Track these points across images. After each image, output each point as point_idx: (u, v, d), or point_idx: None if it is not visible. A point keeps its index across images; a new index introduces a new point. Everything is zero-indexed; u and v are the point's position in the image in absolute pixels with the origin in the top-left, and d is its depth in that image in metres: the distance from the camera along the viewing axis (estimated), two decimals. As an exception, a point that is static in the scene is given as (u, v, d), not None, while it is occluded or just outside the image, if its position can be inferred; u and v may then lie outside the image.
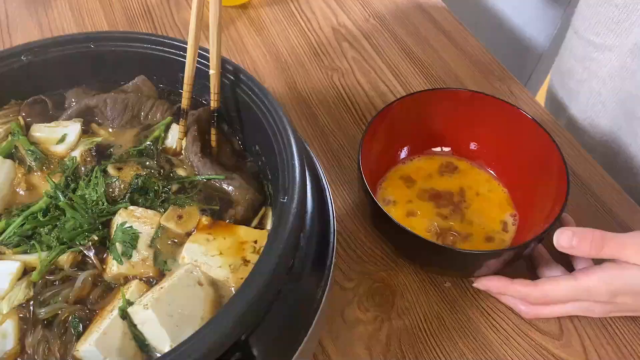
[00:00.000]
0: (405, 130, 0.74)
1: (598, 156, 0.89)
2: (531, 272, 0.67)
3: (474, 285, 0.65)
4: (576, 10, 0.86)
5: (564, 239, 0.58)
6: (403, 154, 0.76)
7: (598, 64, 0.83)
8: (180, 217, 0.53)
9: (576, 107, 0.93)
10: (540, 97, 1.23)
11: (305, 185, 0.49)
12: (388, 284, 0.68)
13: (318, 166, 0.60)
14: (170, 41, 0.61)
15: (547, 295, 0.59)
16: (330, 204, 0.56)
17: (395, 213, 0.70)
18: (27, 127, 0.60)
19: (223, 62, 0.58)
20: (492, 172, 0.74)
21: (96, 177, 0.55)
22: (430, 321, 0.65)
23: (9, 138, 0.59)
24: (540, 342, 0.64)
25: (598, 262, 0.61)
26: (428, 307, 0.66)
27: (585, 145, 0.88)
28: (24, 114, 0.61)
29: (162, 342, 0.45)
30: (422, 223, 0.69)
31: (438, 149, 0.77)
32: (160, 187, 0.56)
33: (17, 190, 0.56)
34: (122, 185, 0.55)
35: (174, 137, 0.61)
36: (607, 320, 0.66)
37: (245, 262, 0.51)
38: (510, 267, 0.63)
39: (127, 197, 0.55)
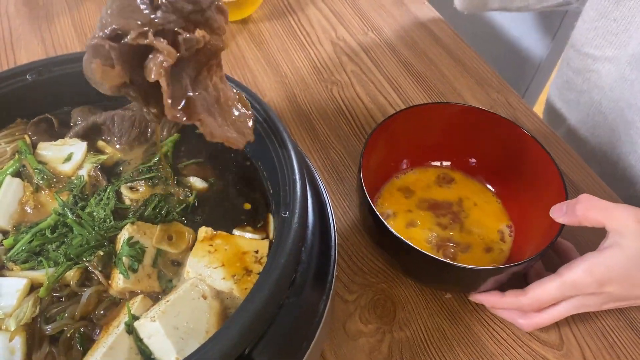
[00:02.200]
0: (405, 143, 0.75)
1: (597, 166, 0.90)
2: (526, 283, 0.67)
3: (470, 298, 0.66)
4: (575, 26, 0.87)
5: (556, 208, 0.60)
6: (403, 166, 0.77)
7: (598, 74, 0.84)
8: (170, 237, 0.54)
9: (576, 118, 0.94)
10: (538, 108, 1.24)
11: (306, 199, 0.50)
12: (389, 296, 0.68)
13: (318, 179, 0.61)
14: (172, 59, 0.62)
15: (538, 299, 0.59)
16: (331, 217, 0.57)
17: (395, 225, 0.71)
18: (34, 146, 0.61)
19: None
20: (488, 185, 0.75)
21: (108, 197, 0.56)
22: (431, 332, 0.66)
23: (16, 157, 0.60)
24: (540, 352, 0.65)
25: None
26: (429, 318, 0.67)
27: (584, 155, 0.89)
28: (29, 133, 0.62)
29: (167, 355, 0.46)
30: (421, 234, 0.70)
31: (437, 163, 0.78)
32: (174, 205, 0.57)
33: (25, 208, 0.57)
34: (134, 205, 0.57)
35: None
36: (606, 330, 0.67)
37: (248, 272, 0.52)
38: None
39: (137, 214, 0.56)
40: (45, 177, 0.58)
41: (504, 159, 0.73)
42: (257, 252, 0.54)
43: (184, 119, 0.45)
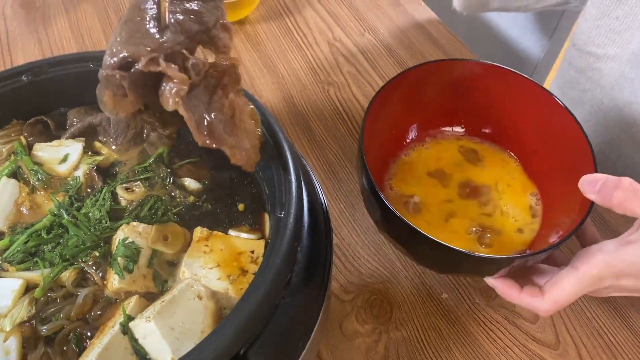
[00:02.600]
0: (415, 106, 0.68)
1: (598, 164, 0.90)
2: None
3: (487, 281, 0.60)
4: (576, 26, 0.87)
5: (588, 180, 0.54)
6: (410, 134, 0.70)
7: (600, 73, 0.85)
8: (165, 238, 0.54)
9: (579, 117, 0.95)
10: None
11: (302, 200, 0.50)
12: (385, 296, 0.69)
13: (314, 179, 0.61)
14: (168, 60, 0.62)
15: (556, 301, 0.54)
16: (327, 217, 0.57)
17: (431, 218, 0.64)
18: (30, 147, 0.61)
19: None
20: (508, 151, 0.70)
21: (104, 198, 0.56)
22: (427, 332, 0.66)
23: (12, 158, 0.60)
24: (537, 352, 0.65)
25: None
26: (425, 318, 0.67)
27: None
28: (25, 134, 0.62)
29: (163, 355, 0.46)
30: (462, 225, 0.64)
31: (449, 128, 0.71)
32: (169, 206, 0.57)
33: (21, 209, 0.57)
34: (130, 206, 0.57)
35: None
36: (602, 329, 0.67)
37: (244, 272, 0.52)
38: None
39: (133, 214, 0.56)
40: (41, 178, 0.58)
41: (523, 121, 0.67)
42: (252, 252, 0.54)
43: (214, 145, 0.46)
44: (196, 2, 0.49)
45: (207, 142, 0.45)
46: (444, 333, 0.66)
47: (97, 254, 0.53)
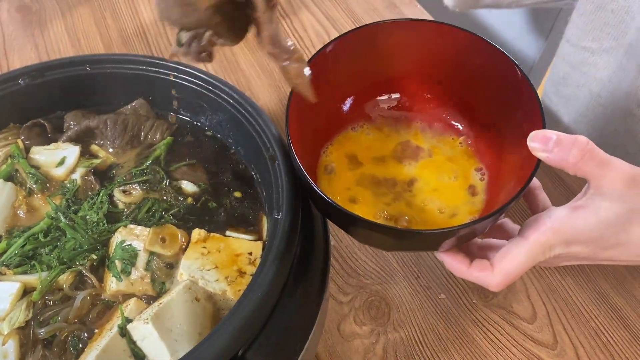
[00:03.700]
0: (350, 76, 0.62)
1: None
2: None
3: (436, 255, 0.56)
4: (569, 21, 0.88)
5: (539, 136, 0.49)
6: (347, 105, 0.64)
7: (596, 67, 0.85)
8: (163, 240, 0.54)
9: (575, 112, 0.95)
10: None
11: (299, 202, 0.51)
12: (383, 297, 0.69)
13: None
14: (164, 62, 0.62)
15: (507, 274, 0.50)
16: (324, 219, 0.57)
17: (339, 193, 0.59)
18: (27, 150, 0.62)
19: (217, 81, 0.60)
20: (454, 122, 0.64)
21: (102, 201, 0.56)
22: (425, 333, 0.66)
23: (9, 161, 0.60)
24: (534, 351, 0.65)
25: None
26: (423, 319, 0.67)
27: None
28: (22, 137, 0.62)
29: (161, 357, 0.46)
30: (367, 210, 0.58)
31: (385, 97, 0.65)
32: (167, 208, 0.57)
33: (18, 212, 0.57)
34: (127, 209, 0.57)
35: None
36: (600, 329, 0.67)
37: (242, 273, 0.52)
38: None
39: (130, 217, 0.56)
40: (38, 181, 0.59)
41: (469, 84, 0.61)
42: (250, 253, 0.54)
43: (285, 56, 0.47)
44: None
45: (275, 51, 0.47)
46: (442, 334, 0.66)
47: (95, 256, 0.53)
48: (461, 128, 0.63)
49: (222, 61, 0.99)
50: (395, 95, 0.65)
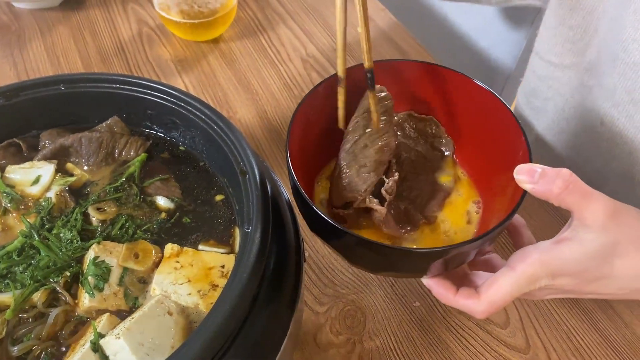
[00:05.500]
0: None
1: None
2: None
3: (422, 280, 0.58)
4: (538, 33, 0.90)
5: (525, 169, 0.51)
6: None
7: (560, 82, 0.87)
8: (136, 255, 0.54)
9: (543, 124, 0.97)
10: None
11: (269, 215, 0.52)
12: (359, 306, 0.70)
13: (285, 194, 0.62)
14: (137, 80, 0.63)
15: (494, 302, 0.52)
16: (298, 231, 0.58)
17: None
18: (2, 169, 0.62)
19: (188, 98, 0.61)
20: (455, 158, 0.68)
21: (75, 219, 0.57)
22: (400, 341, 0.67)
23: (-17, 180, 0.60)
24: (508, 356, 0.66)
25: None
26: (398, 327, 0.68)
27: (553, 160, 0.91)
28: (-3, 157, 0.63)
29: (134, 372, 0.46)
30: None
31: None
32: (140, 223, 0.58)
33: (-8, 231, 0.58)
34: (101, 225, 0.58)
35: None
36: (571, 332, 0.68)
37: (214, 286, 0.53)
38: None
39: (104, 234, 0.57)
40: (12, 199, 0.59)
41: (466, 123, 0.65)
42: (223, 266, 0.55)
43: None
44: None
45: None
46: (417, 341, 0.67)
47: (69, 273, 0.53)
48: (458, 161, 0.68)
49: (200, 76, 1.00)
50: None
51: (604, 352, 0.67)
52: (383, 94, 0.63)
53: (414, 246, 0.60)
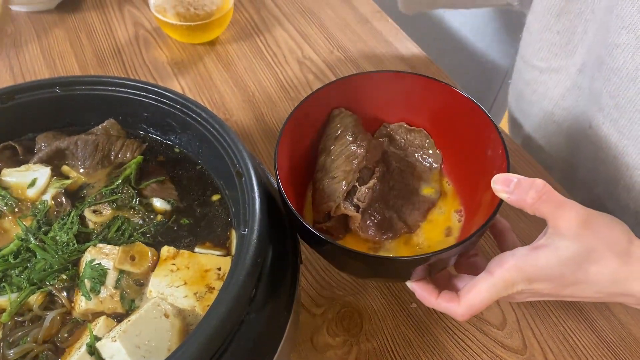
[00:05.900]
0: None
1: (557, 173, 0.92)
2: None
3: (407, 284, 0.59)
4: (522, 37, 0.90)
5: (501, 179, 0.53)
6: None
7: (546, 86, 0.87)
8: (132, 258, 0.54)
9: (530, 127, 0.97)
10: (505, 123, 1.27)
11: (265, 216, 0.52)
12: (356, 308, 0.70)
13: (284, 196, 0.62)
14: (134, 83, 0.64)
15: (471, 306, 0.54)
16: (293, 233, 0.58)
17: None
18: (-2, 172, 0.62)
19: (184, 100, 0.61)
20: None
21: (72, 222, 0.57)
22: (397, 343, 0.67)
23: (-21, 183, 0.60)
24: (504, 357, 0.67)
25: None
26: (395, 328, 0.68)
27: (543, 163, 0.91)
28: (-7, 160, 0.63)
29: (130, 375, 0.46)
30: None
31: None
32: (136, 226, 0.58)
33: (-12, 234, 0.57)
34: (97, 228, 0.58)
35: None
36: (568, 333, 0.69)
37: (210, 289, 0.53)
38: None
39: (100, 236, 0.57)
40: (8, 203, 0.59)
41: (448, 131, 0.66)
42: (219, 269, 0.55)
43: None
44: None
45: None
46: (414, 343, 0.67)
47: (65, 276, 0.53)
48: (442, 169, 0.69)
49: (196, 78, 1.00)
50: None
51: (600, 353, 0.67)
52: (342, 114, 0.66)
53: (391, 254, 0.61)
